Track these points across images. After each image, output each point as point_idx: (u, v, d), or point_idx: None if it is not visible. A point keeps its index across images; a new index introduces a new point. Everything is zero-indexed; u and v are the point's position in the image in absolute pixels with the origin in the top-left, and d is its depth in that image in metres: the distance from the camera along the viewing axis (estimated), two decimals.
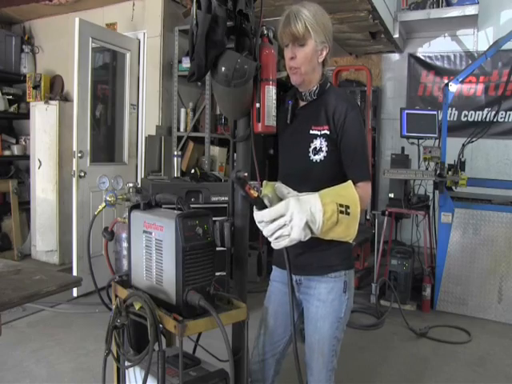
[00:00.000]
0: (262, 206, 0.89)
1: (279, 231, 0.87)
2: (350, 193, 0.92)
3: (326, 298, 1.06)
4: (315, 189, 0.97)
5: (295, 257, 1.01)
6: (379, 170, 4.21)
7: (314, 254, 1.04)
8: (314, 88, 1.07)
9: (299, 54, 1.03)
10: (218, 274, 0.96)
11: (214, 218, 0.99)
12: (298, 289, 1.11)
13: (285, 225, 0.87)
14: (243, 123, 1.14)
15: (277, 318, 1.12)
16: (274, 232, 0.88)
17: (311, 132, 1.06)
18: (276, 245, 0.89)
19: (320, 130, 1.05)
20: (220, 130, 3.10)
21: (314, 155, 1.04)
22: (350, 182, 0.94)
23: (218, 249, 0.99)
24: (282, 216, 0.86)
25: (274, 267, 1.18)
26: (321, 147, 1.04)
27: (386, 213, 2.84)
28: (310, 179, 1.05)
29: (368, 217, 3.62)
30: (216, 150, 3.18)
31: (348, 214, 0.90)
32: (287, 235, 0.87)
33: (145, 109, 3.16)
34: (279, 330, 1.12)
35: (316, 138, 1.05)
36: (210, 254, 0.95)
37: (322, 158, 1.03)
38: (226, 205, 2.82)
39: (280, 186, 0.96)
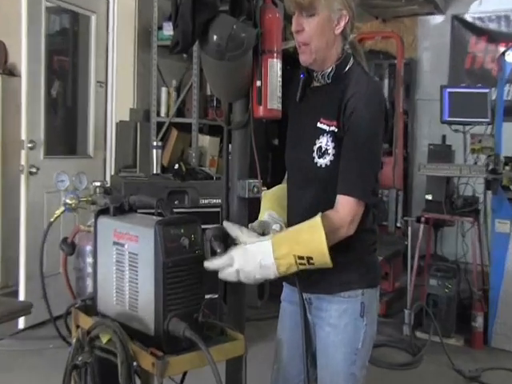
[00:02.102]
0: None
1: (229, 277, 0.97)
2: (315, 238, 0.94)
3: (338, 322, 1.06)
4: (320, 196, 1.05)
5: (306, 272, 1.03)
6: (413, 164, 4.18)
7: (326, 269, 1.04)
8: (329, 70, 1.07)
9: (307, 26, 1.02)
10: (208, 296, 0.97)
11: (203, 226, 1.00)
12: (309, 310, 1.13)
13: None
14: (240, 106, 1.16)
15: (291, 348, 1.14)
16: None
17: (318, 125, 1.07)
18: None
19: (329, 126, 1.05)
20: (211, 115, 3.12)
21: (319, 158, 1.06)
22: (318, 219, 0.96)
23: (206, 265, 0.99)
24: (229, 266, 0.95)
25: (284, 284, 1.21)
26: (327, 149, 1.05)
27: (423, 219, 2.84)
28: (314, 185, 1.08)
29: (399, 224, 3.63)
30: (206, 140, 3.18)
31: (312, 264, 0.95)
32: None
33: (115, 87, 3.18)
34: (294, 363, 1.13)
35: (323, 135, 1.06)
36: (199, 272, 0.96)
37: (328, 163, 1.05)
38: (218, 209, 2.77)
39: (267, 219, 1.09)
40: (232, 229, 0.99)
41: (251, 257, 0.93)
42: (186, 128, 3.12)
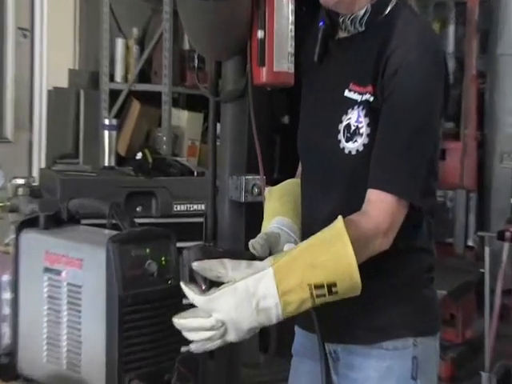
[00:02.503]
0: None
1: (204, 342, 0.93)
2: (337, 252, 0.94)
3: None
4: (350, 199, 1.05)
5: (328, 311, 1.04)
6: (492, 153, 4.11)
7: (357, 307, 1.05)
8: (362, 12, 1.08)
9: None
10: (185, 348, 0.97)
11: (179, 244, 1.01)
12: (334, 368, 1.14)
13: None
14: (234, 68, 1.19)
15: None
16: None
17: (347, 94, 1.09)
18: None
19: (362, 93, 1.06)
20: (190, 81, 3.11)
21: (348, 141, 1.07)
22: (340, 225, 0.96)
23: (186, 301, 1.00)
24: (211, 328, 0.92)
25: (296, 330, 1.23)
26: (358, 127, 1.06)
27: (508, 235, 2.83)
28: (340, 182, 1.10)
29: (471, 242, 3.61)
30: (183, 118, 3.19)
31: (335, 293, 0.94)
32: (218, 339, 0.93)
33: (46, 38, 3.20)
34: None
35: (352, 108, 1.07)
36: (171, 311, 0.95)
37: (361, 149, 1.06)
38: (201, 219, 2.78)
39: (275, 230, 1.09)
40: (208, 268, 0.98)
41: (244, 299, 0.91)
42: (153, 100, 3.13)
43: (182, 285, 0.94)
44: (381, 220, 1.00)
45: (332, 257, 0.94)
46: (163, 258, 0.98)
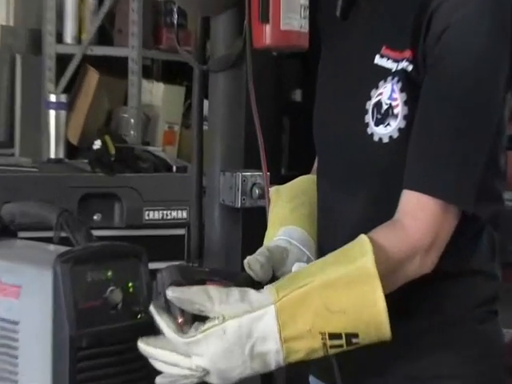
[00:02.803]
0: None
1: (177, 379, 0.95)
2: (364, 298, 0.95)
3: None
4: (381, 202, 1.07)
5: (352, 357, 1.03)
6: None
7: (389, 353, 1.06)
8: None
9: None
10: None
11: (152, 265, 1.01)
12: None
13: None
14: (226, 26, 1.19)
15: None
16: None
17: (377, 61, 1.10)
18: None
19: (397, 60, 1.07)
20: (167, 43, 3.14)
21: (378, 124, 1.08)
22: (368, 259, 0.95)
23: None
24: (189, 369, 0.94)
25: (311, 380, 1.25)
26: (391, 105, 1.07)
27: None
28: (368, 181, 1.11)
29: None
30: (158, 92, 3.22)
31: (355, 344, 0.96)
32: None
33: None
34: None
35: (385, 80, 1.08)
36: (141, 357, 0.95)
37: (396, 134, 1.07)
38: (182, 230, 2.77)
39: (282, 244, 1.12)
40: (188, 299, 0.98)
41: (235, 346, 0.93)
42: (116, 68, 3.15)
43: (153, 310, 0.94)
44: (421, 234, 1.01)
45: (355, 302, 0.95)
46: (130, 284, 0.99)
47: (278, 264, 1.06)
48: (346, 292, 0.95)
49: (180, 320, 0.94)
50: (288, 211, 1.19)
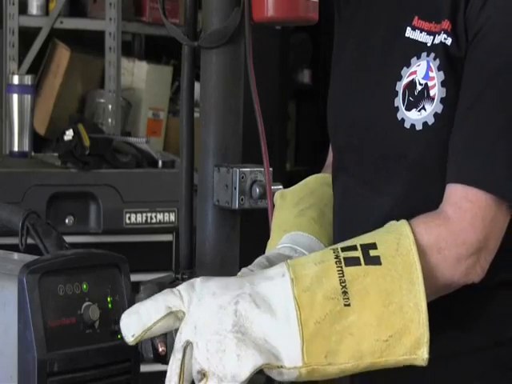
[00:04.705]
0: None
1: None
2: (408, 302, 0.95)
3: None
4: (410, 204, 1.08)
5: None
6: None
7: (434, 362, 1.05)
8: None
9: None
10: None
11: (134, 277, 1.01)
12: None
13: None
14: None
15: None
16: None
17: (409, 34, 1.11)
18: None
19: (433, 33, 1.08)
20: (151, 15, 3.19)
21: (410, 108, 1.09)
22: (409, 239, 0.98)
23: (146, 368, 1.01)
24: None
25: None
26: (426, 86, 1.08)
27: None
28: (396, 177, 1.12)
29: None
30: (141, 73, 3.23)
31: (375, 261, 0.96)
32: None
33: None
34: None
35: (419, 56, 1.09)
36: (121, 383, 0.97)
37: (432, 121, 1.08)
38: (169, 236, 2.77)
39: (285, 252, 1.15)
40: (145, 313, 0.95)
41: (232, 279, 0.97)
42: (91, 44, 3.18)
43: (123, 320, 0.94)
44: (467, 228, 1.01)
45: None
46: (109, 299, 0.99)
47: None
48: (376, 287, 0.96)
49: (161, 349, 0.95)
50: (293, 216, 1.21)
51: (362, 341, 0.93)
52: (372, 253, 0.95)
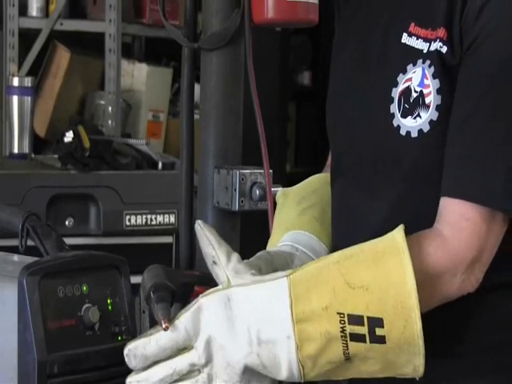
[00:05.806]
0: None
1: None
2: (391, 273, 0.97)
3: None
4: (405, 211, 1.08)
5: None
6: None
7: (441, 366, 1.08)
8: None
9: None
10: None
11: (134, 280, 1.02)
12: None
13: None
14: None
15: None
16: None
17: (405, 41, 1.11)
18: None
19: (429, 40, 1.08)
20: (151, 16, 3.20)
21: (405, 115, 1.09)
22: (399, 235, 0.98)
23: None
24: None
25: None
26: (422, 93, 1.07)
27: None
28: (391, 184, 1.12)
29: None
30: (141, 75, 3.24)
31: (379, 339, 0.96)
32: None
33: None
34: None
35: (415, 63, 1.09)
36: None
37: (427, 128, 1.07)
38: (169, 238, 2.76)
39: (285, 249, 1.15)
40: (216, 241, 0.99)
41: (238, 318, 0.95)
42: (91, 46, 3.17)
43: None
44: (464, 246, 1.01)
45: (380, 277, 0.96)
46: (109, 301, 0.99)
47: (281, 269, 1.06)
48: (369, 265, 0.97)
49: (165, 325, 0.95)
50: (295, 214, 1.20)
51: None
52: (378, 331, 0.94)
